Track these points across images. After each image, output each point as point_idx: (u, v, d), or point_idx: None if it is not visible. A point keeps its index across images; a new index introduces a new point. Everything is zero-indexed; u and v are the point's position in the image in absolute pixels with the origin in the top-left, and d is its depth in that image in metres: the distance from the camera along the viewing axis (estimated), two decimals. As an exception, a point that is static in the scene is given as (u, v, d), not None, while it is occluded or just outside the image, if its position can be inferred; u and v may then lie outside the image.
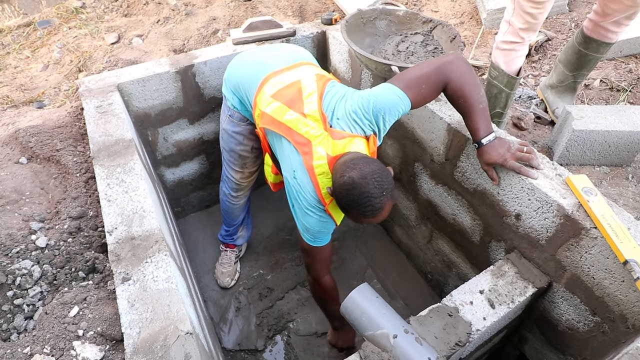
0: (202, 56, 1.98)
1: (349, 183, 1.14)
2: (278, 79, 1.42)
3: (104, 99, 1.72)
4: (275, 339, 2.01)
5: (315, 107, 1.32)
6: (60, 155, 1.64)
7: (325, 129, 1.30)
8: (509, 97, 1.83)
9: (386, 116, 1.29)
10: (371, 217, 1.18)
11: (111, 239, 1.15)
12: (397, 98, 1.27)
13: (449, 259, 1.90)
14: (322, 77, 1.43)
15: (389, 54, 1.79)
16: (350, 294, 1.30)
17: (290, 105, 1.34)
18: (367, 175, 1.13)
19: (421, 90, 1.28)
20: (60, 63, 2.59)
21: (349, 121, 1.29)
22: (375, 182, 1.14)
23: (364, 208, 1.15)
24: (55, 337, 1.03)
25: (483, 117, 1.30)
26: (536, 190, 1.29)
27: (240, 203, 2.02)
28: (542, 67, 2.34)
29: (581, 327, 1.33)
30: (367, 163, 1.16)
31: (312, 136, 1.29)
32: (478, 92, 1.27)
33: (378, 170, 1.15)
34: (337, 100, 1.34)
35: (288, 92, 1.37)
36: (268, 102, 1.39)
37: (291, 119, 1.32)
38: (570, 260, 1.27)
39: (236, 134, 1.70)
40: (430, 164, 1.77)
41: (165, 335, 0.93)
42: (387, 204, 1.17)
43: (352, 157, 1.21)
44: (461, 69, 1.26)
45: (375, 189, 1.13)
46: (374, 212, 1.16)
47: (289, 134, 1.33)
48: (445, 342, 1.21)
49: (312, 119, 1.31)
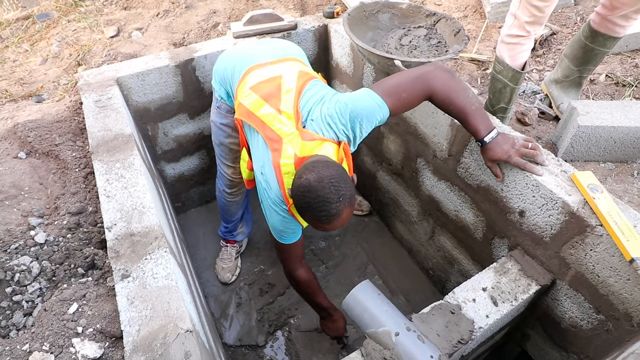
0: (202, 50, 1.96)
1: (305, 185, 1.10)
2: (260, 71, 1.40)
3: (103, 93, 1.70)
4: (276, 334, 2.00)
5: (291, 104, 1.30)
6: (59, 150, 1.62)
7: (297, 128, 1.27)
8: (513, 91, 1.81)
9: (363, 123, 1.26)
10: (326, 224, 1.14)
11: (110, 235, 1.14)
12: (375, 105, 1.24)
13: (451, 255, 1.88)
14: (305, 75, 1.40)
15: (392, 47, 1.76)
16: (351, 291, 1.29)
17: (267, 100, 1.32)
18: (324, 178, 1.09)
19: (401, 98, 1.26)
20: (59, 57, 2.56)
21: (323, 124, 1.26)
22: (332, 186, 1.09)
23: (318, 212, 1.11)
24: (54, 334, 1.02)
25: (479, 117, 1.28)
26: (541, 187, 1.27)
27: (236, 200, 2.00)
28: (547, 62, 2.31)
29: (585, 325, 1.32)
30: (327, 167, 1.12)
31: (283, 134, 1.26)
32: (466, 94, 1.26)
33: (336, 175, 1.11)
34: (315, 101, 1.31)
35: (267, 86, 1.35)
36: (246, 94, 1.37)
37: (266, 114, 1.30)
38: (574, 257, 1.26)
39: (224, 126, 1.67)
40: (433, 159, 1.75)
41: (165, 333, 0.92)
42: (343, 211, 1.12)
43: (315, 159, 1.17)
44: (443, 77, 1.25)
45: (332, 193, 1.09)
46: (329, 217, 1.11)
47: (262, 128, 1.30)
48: (447, 339, 1.20)
49: (287, 116, 1.28)
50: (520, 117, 1.99)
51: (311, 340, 1.97)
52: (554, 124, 1.99)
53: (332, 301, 2.10)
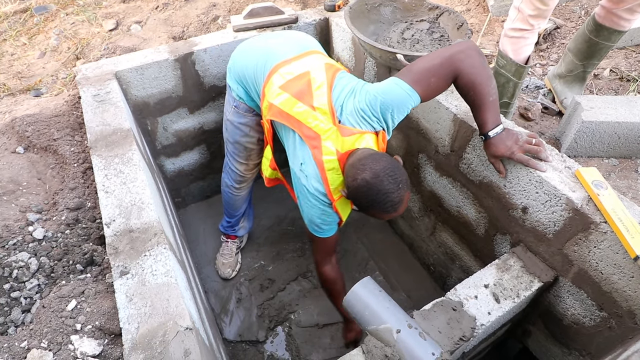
0: (202, 43, 1.94)
1: (364, 185, 1.14)
2: (287, 69, 1.39)
3: (102, 88, 1.68)
4: (277, 330, 2.00)
5: (325, 100, 1.30)
6: (58, 145, 1.61)
7: (334, 124, 1.28)
8: (516, 86, 1.79)
9: (394, 113, 1.26)
10: (393, 212, 1.18)
11: (109, 231, 1.13)
12: (405, 94, 1.23)
13: (453, 251, 1.87)
14: (331, 67, 1.39)
15: (394, 41, 1.74)
16: (352, 287, 1.27)
17: (300, 98, 1.32)
18: (379, 173, 1.13)
19: (430, 84, 1.24)
20: (57, 50, 2.54)
21: (357, 118, 1.27)
22: (390, 177, 1.13)
23: (384, 205, 1.15)
24: (52, 331, 1.01)
25: (492, 109, 1.26)
26: (544, 183, 1.26)
27: (242, 194, 2.00)
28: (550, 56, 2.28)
29: (587, 322, 1.31)
30: (376, 160, 1.15)
31: (321, 130, 1.27)
32: (489, 84, 1.23)
33: (389, 165, 1.14)
34: (347, 94, 1.32)
35: (297, 84, 1.34)
36: (277, 94, 1.36)
37: (300, 112, 1.30)
38: (577, 254, 1.24)
39: (242, 125, 1.66)
40: (434, 155, 1.74)
41: (164, 330, 0.91)
42: (405, 195, 1.17)
43: (359, 156, 1.20)
44: (473, 60, 1.21)
45: (391, 184, 1.13)
46: (395, 206, 1.16)
47: (297, 126, 1.31)
48: (449, 336, 1.19)
49: (321, 112, 1.29)
50: (523, 112, 1.97)
51: (311, 336, 1.97)
52: (557, 119, 1.97)
53: (333, 297, 2.11)
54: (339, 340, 1.95)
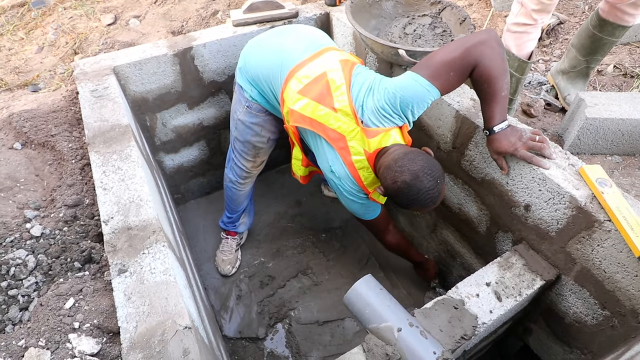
0: (201, 38, 1.91)
1: (405, 188, 1.16)
2: (303, 72, 1.38)
3: (100, 83, 1.66)
4: (277, 327, 1.99)
5: (346, 101, 1.30)
6: (55, 141, 1.59)
7: (357, 124, 1.29)
8: (519, 82, 1.77)
9: (414, 109, 1.27)
10: (432, 206, 1.22)
11: (107, 229, 1.11)
12: (424, 90, 1.23)
13: (454, 249, 1.86)
14: (347, 63, 1.38)
15: (396, 36, 1.71)
16: (353, 285, 1.26)
17: (320, 101, 1.32)
18: (418, 173, 1.15)
19: (449, 78, 1.22)
20: (55, 45, 2.51)
21: (379, 116, 1.28)
22: (428, 176, 1.15)
23: (424, 202, 1.18)
24: (50, 330, 1.00)
25: (502, 105, 1.25)
26: (548, 181, 1.24)
27: (246, 190, 1.99)
28: (554, 52, 2.25)
29: (589, 320, 1.30)
30: (412, 161, 1.17)
31: (345, 131, 1.29)
32: (504, 78, 1.21)
33: (426, 164, 1.17)
34: (365, 92, 1.31)
35: (316, 87, 1.34)
36: (296, 99, 1.36)
37: (322, 115, 1.32)
38: (580, 253, 1.23)
39: (254, 125, 1.65)
40: (436, 152, 1.72)
41: (163, 329, 0.90)
42: (443, 188, 1.21)
43: (394, 157, 1.21)
44: (493, 52, 1.18)
45: (430, 182, 1.15)
46: (434, 200, 1.20)
47: (322, 130, 1.33)
48: (450, 335, 1.18)
49: (343, 113, 1.30)
50: (526, 109, 1.95)
51: (311, 333, 1.96)
52: (560, 115, 1.95)
53: (333, 294, 2.11)
54: (339, 337, 1.94)
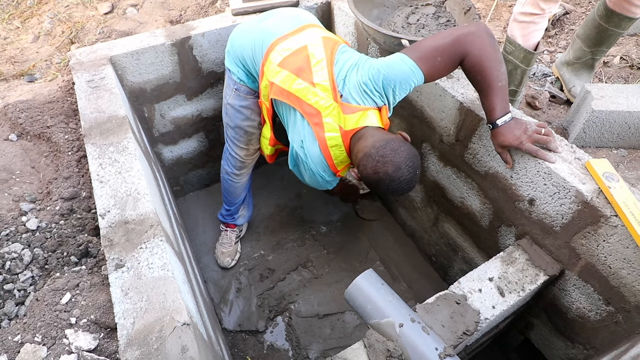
0: (200, 27, 1.87)
1: (386, 179, 1.17)
2: (284, 45, 1.38)
3: (96, 73, 1.63)
4: (277, 320, 1.98)
5: (325, 76, 1.29)
6: (51, 132, 1.56)
7: (335, 100, 1.27)
8: (524, 73, 1.73)
9: (396, 89, 1.25)
10: (407, 193, 1.26)
11: (104, 222, 1.09)
12: (409, 71, 1.22)
13: (455, 242, 1.84)
14: (330, 41, 1.38)
15: (399, 26, 1.68)
16: (355, 280, 1.25)
17: (298, 74, 1.31)
18: (401, 165, 1.16)
19: (436, 63, 1.22)
20: (51, 34, 2.47)
21: (360, 92, 1.26)
22: (410, 168, 1.17)
23: (402, 191, 1.21)
24: (46, 326, 0.98)
25: (501, 96, 1.22)
26: (553, 175, 1.22)
27: (242, 181, 1.97)
28: (559, 43, 2.21)
29: (593, 316, 1.29)
30: (395, 152, 1.17)
31: (321, 107, 1.27)
32: (498, 68, 1.19)
33: (408, 156, 1.18)
34: (349, 68, 1.30)
35: (295, 60, 1.33)
36: (276, 72, 1.35)
37: (300, 89, 1.30)
38: (585, 248, 1.21)
39: (243, 108, 1.64)
40: (439, 144, 1.69)
41: (160, 326, 0.88)
42: (418, 176, 1.24)
43: (374, 144, 1.19)
44: (483, 42, 1.17)
45: (411, 173, 1.18)
46: (411, 188, 1.24)
47: (298, 104, 1.31)
48: (452, 331, 1.17)
49: (322, 88, 1.28)
50: (530, 101, 1.92)
51: (312, 326, 1.95)
52: (564, 108, 1.92)
53: (333, 287, 2.10)
54: (339, 330, 1.94)
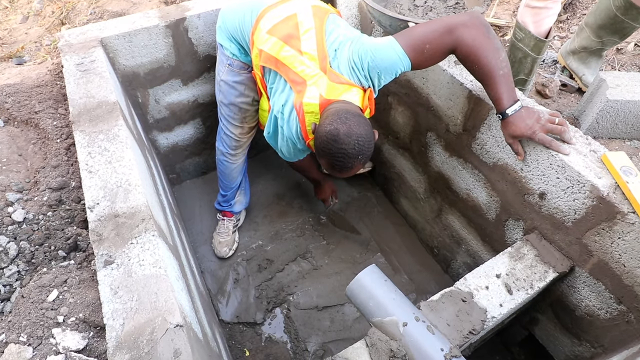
0: (195, 8, 1.78)
1: (334, 134, 1.13)
2: (273, 13, 1.36)
3: (86, 56, 1.54)
4: (275, 312, 1.95)
5: (314, 45, 1.27)
6: (39, 118, 1.49)
7: (322, 69, 1.26)
8: (534, 62, 1.65)
9: (382, 74, 1.25)
10: (337, 172, 1.22)
11: (92, 215, 1.03)
12: (396, 58, 1.20)
13: (459, 235, 1.79)
14: (320, 10, 1.36)
15: (405, 8, 1.59)
16: (357, 275, 1.20)
17: (287, 41, 1.30)
18: (352, 135, 1.13)
19: (424, 52, 1.19)
20: (41, 14, 2.37)
21: (349, 68, 1.25)
22: (358, 145, 1.14)
23: (336, 161, 1.17)
24: (32, 324, 0.93)
25: (505, 84, 1.16)
26: (567, 168, 1.16)
27: (238, 162, 1.91)
28: (570, 28, 2.13)
29: (602, 314, 1.25)
30: (360, 124, 1.15)
31: (307, 75, 1.27)
32: (496, 56, 1.14)
33: (365, 135, 1.15)
34: (344, 40, 1.29)
35: (284, 27, 1.32)
36: (265, 39, 1.34)
37: (287, 56, 1.29)
38: (598, 245, 1.16)
39: (237, 84, 1.60)
40: (445, 134, 1.62)
41: (152, 328, 0.83)
42: (357, 166, 1.20)
43: (348, 109, 1.18)
44: (476, 31, 1.14)
45: (355, 151, 1.14)
46: (342, 169, 1.20)
47: (284, 71, 1.31)
48: (458, 330, 1.12)
49: (309, 57, 1.27)
50: (540, 89, 1.84)
51: (310, 318, 1.92)
52: (576, 96, 1.84)
53: (333, 278, 2.05)
54: (338, 323, 1.90)
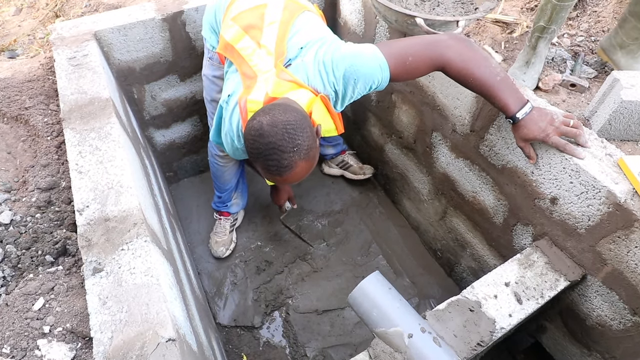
0: (193, 1, 1.71)
1: (257, 129, 0.99)
2: (245, 1, 1.27)
3: (79, 50, 1.48)
4: (273, 315, 1.90)
5: (273, 40, 1.18)
6: (29, 115, 1.43)
7: (275, 65, 1.15)
8: (554, 8, 1.56)
9: (358, 83, 1.14)
10: (277, 175, 1.04)
11: (82, 219, 0.97)
12: (377, 66, 1.11)
13: (464, 238, 1.74)
14: (294, 4, 1.26)
15: (411, 4, 1.53)
16: (360, 283, 1.14)
17: (247, 31, 1.21)
18: (278, 123, 0.98)
19: (406, 64, 1.12)
20: (34, 6, 2.30)
21: (313, 69, 1.13)
22: (287, 133, 0.98)
23: (269, 161, 1.01)
24: (16, 335, 0.88)
25: (507, 89, 1.11)
26: (582, 172, 1.10)
27: (230, 165, 1.81)
28: (580, 26, 2.06)
29: (615, 325, 1.20)
30: (285, 111, 1.00)
31: (259, 70, 1.16)
32: (488, 64, 1.10)
33: (294, 121, 0.99)
34: (312, 40, 1.18)
35: (249, 16, 1.23)
36: (227, 26, 1.25)
37: (244, 47, 1.20)
38: (613, 253, 1.11)
39: (217, 78, 1.53)
40: (451, 134, 1.57)
41: (142, 342, 0.78)
42: (297, 163, 1.02)
43: (277, 102, 1.07)
44: (459, 45, 1.11)
45: (285, 141, 0.98)
46: (280, 169, 1.01)
47: (239, 63, 1.21)
48: (465, 341, 1.07)
49: (267, 51, 1.17)
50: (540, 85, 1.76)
51: (310, 322, 1.87)
52: (586, 96, 1.78)
53: (333, 281, 2.00)
54: (339, 327, 1.85)
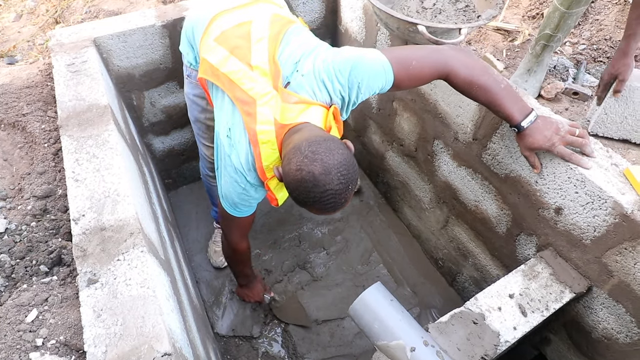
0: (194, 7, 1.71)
1: (309, 180, 0.92)
2: (226, 17, 1.17)
3: (77, 56, 1.47)
4: (272, 325, 1.86)
5: (265, 57, 1.08)
6: (27, 121, 1.41)
7: (275, 87, 1.06)
8: (562, 17, 1.56)
9: (362, 86, 1.07)
10: (331, 212, 1.00)
11: (77, 229, 0.95)
12: (381, 69, 1.07)
13: (466, 248, 1.72)
14: (280, 19, 1.17)
15: (413, 11, 1.52)
16: (361, 295, 1.12)
17: (234, 52, 1.11)
18: (331, 169, 0.92)
19: (409, 68, 1.09)
20: (34, 13, 2.30)
21: (315, 82, 1.06)
22: (342, 176, 0.93)
23: (325, 205, 0.95)
24: (7, 348, 0.85)
25: (510, 97, 1.10)
26: (587, 183, 1.08)
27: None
28: (582, 34, 2.06)
29: (622, 338, 1.17)
30: (329, 151, 0.93)
31: (257, 94, 1.06)
32: (490, 72, 1.10)
33: (344, 161, 0.93)
34: (305, 52, 1.09)
35: (234, 35, 1.13)
36: (210, 48, 1.14)
37: (234, 70, 1.09)
38: (620, 265, 1.09)
39: (197, 97, 1.44)
40: (453, 142, 1.55)
41: (137, 357, 0.75)
42: (351, 195, 0.99)
43: (308, 139, 0.96)
44: (460, 56, 1.11)
45: (341, 185, 0.93)
46: (336, 207, 0.97)
47: (229, 88, 1.09)
48: (469, 355, 1.05)
49: (261, 72, 1.07)
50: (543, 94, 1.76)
51: (309, 332, 1.84)
52: (588, 105, 1.77)
53: (333, 291, 1.97)
54: (339, 338, 1.82)
